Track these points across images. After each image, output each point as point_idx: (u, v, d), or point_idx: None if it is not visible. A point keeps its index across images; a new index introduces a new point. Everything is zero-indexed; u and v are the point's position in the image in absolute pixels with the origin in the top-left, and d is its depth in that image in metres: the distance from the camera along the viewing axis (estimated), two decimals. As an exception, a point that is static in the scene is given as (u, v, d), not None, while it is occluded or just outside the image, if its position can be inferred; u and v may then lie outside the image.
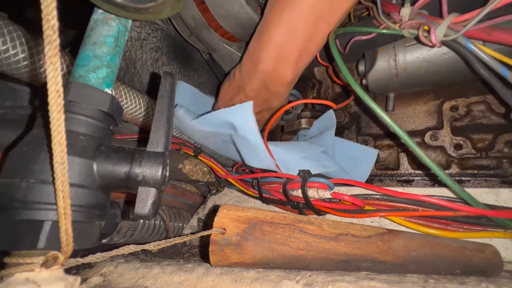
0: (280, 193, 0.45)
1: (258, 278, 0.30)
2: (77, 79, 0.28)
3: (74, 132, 0.26)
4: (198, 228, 0.59)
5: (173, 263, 0.37)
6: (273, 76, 0.51)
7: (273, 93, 0.53)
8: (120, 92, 0.43)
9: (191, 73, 0.72)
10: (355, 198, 0.38)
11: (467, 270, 0.31)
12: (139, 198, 0.27)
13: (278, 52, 0.48)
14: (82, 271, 0.38)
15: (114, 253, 0.26)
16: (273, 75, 0.51)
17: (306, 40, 0.47)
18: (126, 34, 0.32)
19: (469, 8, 0.39)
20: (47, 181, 0.23)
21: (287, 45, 0.47)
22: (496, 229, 0.35)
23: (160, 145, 0.28)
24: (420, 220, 0.37)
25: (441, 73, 0.51)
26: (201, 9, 0.56)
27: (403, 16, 0.45)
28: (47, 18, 0.17)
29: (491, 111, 0.58)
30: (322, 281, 0.28)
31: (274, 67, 0.49)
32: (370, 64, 0.56)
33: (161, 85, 0.31)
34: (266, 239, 0.32)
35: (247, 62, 0.53)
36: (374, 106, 0.37)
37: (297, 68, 0.50)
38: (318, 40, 0.48)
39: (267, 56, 0.49)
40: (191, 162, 0.55)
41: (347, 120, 0.68)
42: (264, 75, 0.51)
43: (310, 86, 0.78)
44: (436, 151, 0.62)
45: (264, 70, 0.50)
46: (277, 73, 0.50)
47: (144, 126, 0.49)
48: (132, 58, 0.56)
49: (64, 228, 0.21)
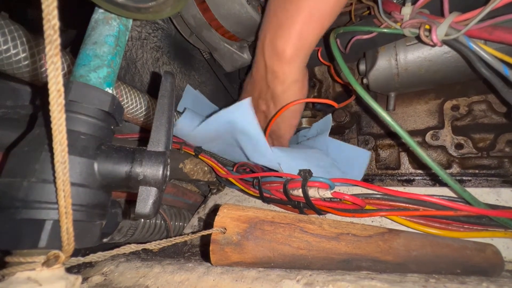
0: (281, 193, 0.45)
1: (258, 277, 0.30)
2: (78, 78, 0.28)
3: (75, 131, 0.26)
4: (199, 227, 0.59)
5: (174, 262, 0.37)
6: (270, 44, 0.44)
7: (273, 74, 0.46)
8: (121, 91, 0.43)
9: (192, 73, 0.72)
10: (356, 197, 0.38)
11: (468, 270, 0.31)
12: (140, 198, 0.27)
13: (276, 21, 0.43)
14: (83, 270, 0.39)
15: (115, 252, 0.27)
16: (270, 44, 0.44)
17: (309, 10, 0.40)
18: (126, 34, 0.32)
19: (470, 7, 0.39)
20: (48, 181, 0.23)
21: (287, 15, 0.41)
22: (497, 228, 0.34)
23: (161, 144, 0.28)
24: (421, 220, 0.37)
25: (442, 73, 0.51)
26: (201, 9, 0.56)
27: (404, 15, 0.45)
28: (48, 18, 0.17)
29: (492, 110, 0.58)
30: (323, 280, 0.28)
31: (272, 36, 0.43)
32: (371, 63, 0.56)
33: (161, 84, 0.31)
34: (266, 239, 0.32)
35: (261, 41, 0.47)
36: (375, 105, 0.37)
37: (301, 39, 0.42)
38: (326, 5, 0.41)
39: (266, 29, 0.44)
40: (192, 162, 0.55)
41: (347, 119, 0.68)
42: (262, 47, 0.45)
43: (310, 86, 0.78)
44: (437, 150, 0.62)
45: (262, 41, 0.45)
46: (274, 41, 0.43)
47: (144, 126, 0.49)
48: (133, 58, 0.56)
49: (65, 227, 0.22)
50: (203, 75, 0.75)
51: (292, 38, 0.42)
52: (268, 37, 0.43)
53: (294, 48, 0.43)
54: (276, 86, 0.47)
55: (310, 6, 0.40)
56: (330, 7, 0.41)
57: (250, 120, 0.43)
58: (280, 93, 0.48)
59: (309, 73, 0.76)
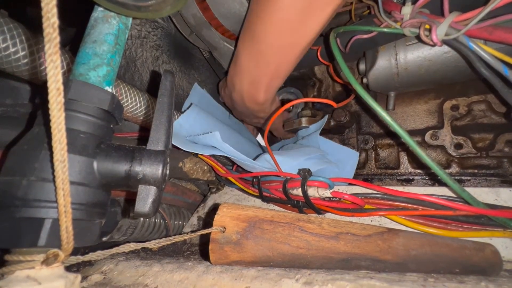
0: (280, 192, 0.45)
1: (258, 277, 0.30)
2: (78, 77, 0.28)
3: (75, 130, 0.26)
4: (198, 226, 0.59)
5: (173, 261, 0.37)
6: (248, 96, 0.58)
7: (250, 109, 0.61)
8: (121, 90, 0.43)
9: (192, 71, 0.72)
10: (355, 197, 0.38)
11: (466, 269, 0.31)
12: (140, 196, 0.27)
13: (250, 77, 0.54)
14: (83, 269, 0.39)
15: (115, 251, 0.27)
16: (247, 96, 0.58)
17: (275, 66, 0.51)
18: (126, 32, 0.32)
19: (470, 7, 0.39)
20: (48, 179, 0.23)
21: (257, 71, 0.53)
22: (496, 228, 0.35)
23: (161, 143, 0.28)
24: (420, 219, 0.37)
25: (442, 72, 0.51)
26: (201, 8, 0.56)
27: (404, 15, 0.45)
28: (47, 16, 0.17)
29: (491, 110, 0.58)
30: (322, 279, 0.28)
31: (248, 89, 0.56)
32: (371, 63, 0.56)
33: (161, 83, 0.31)
34: (266, 238, 0.32)
35: (229, 81, 0.60)
36: (375, 105, 0.37)
37: (268, 90, 0.56)
38: (287, 66, 0.52)
39: (241, 81, 0.56)
40: (191, 161, 0.55)
41: (347, 119, 0.68)
42: (241, 95, 0.59)
43: (310, 85, 0.78)
44: (436, 150, 0.62)
45: (240, 91, 0.58)
46: (251, 95, 0.57)
47: (144, 125, 0.49)
48: (133, 56, 0.56)
49: (64, 226, 0.21)
50: (202, 74, 0.75)
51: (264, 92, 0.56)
52: (245, 89, 0.57)
53: (266, 96, 0.57)
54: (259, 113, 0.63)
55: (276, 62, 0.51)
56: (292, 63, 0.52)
57: (226, 148, 0.48)
58: (264, 116, 0.64)
59: (309, 73, 0.77)
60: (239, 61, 0.54)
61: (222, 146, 0.48)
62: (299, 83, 0.79)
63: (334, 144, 0.64)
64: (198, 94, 0.66)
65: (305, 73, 0.78)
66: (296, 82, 0.78)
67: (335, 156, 0.61)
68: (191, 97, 0.65)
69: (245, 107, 0.61)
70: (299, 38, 0.47)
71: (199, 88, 0.67)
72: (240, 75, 0.55)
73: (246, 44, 0.51)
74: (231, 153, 0.48)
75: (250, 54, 0.51)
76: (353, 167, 0.60)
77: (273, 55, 0.49)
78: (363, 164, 0.69)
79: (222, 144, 0.48)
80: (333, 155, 0.61)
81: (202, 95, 0.67)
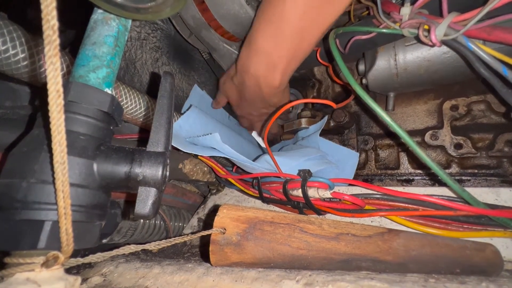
0: (280, 193, 0.45)
1: (258, 278, 0.30)
2: (77, 79, 0.28)
3: (74, 132, 0.26)
4: (199, 228, 0.59)
5: (173, 263, 0.37)
6: (264, 80, 0.55)
7: (265, 94, 0.58)
8: (120, 92, 0.43)
9: (191, 73, 0.72)
10: (355, 197, 0.38)
11: (467, 270, 0.31)
12: (139, 198, 0.27)
13: (267, 59, 0.52)
14: (83, 271, 0.38)
15: (115, 253, 0.27)
16: (264, 79, 0.54)
17: (294, 48, 0.49)
18: (126, 34, 0.32)
19: (469, 7, 0.39)
20: (47, 181, 0.23)
21: (276, 52, 0.50)
22: (496, 228, 0.35)
23: (160, 145, 0.28)
24: (420, 220, 0.37)
25: (441, 73, 0.51)
26: (201, 9, 0.56)
27: (403, 15, 0.45)
28: (47, 18, 0.17)
29: (491, 110, 0.58)
30: (322, 280, 0.28)
31: (264, 72, 0.53)
32: (370, 63, 0.56)
33: (161, 85, 0.31)
34: (266, 239, 0.32)
35: (241, 66, 0.57)
36: (374, 105, 0.37)
37: (286, 73, 0.54)
38: (306, 47, 0.50)
39: (256, 63, 0.53)
40: (191, 162, 0.55)
41: (347, 119, 0.68)
42: (256, 79, 0.55)
43: (310, 86, 0.78)
44: (436, 150, 0.62)
45: (255, 75, 0.54)
46: (267, 77, 0.54)
47: (144, 126, 0.49)
48: (132, 58, 0.56)
49: (64, 228, 0.21)
50: (202, 75, 0.75)
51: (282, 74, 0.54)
52: (261, 72, 0.54)
53: (282, 79, 0.55)
54: (272, 99, 0.60)
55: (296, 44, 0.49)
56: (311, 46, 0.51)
57: (226, 149, 0.48)
58: (277, 102, 0.61)
59: (308, 73, 0.77)
60: (256, 42, 0.52)
61: (222, 147, 0.48)
62: (298, 84, 0.79)
63: (334, 145, 0.64)
64: (197, 96, 0.67)
65: (305, 74, 0.78)
66: (296, 83, 0.79)
67: (335, 156, 0.61)
68: (190, 99, 0.65)
69: (258, 93, 0.58)
70: (323, 19, 0.46)
71: (198, 90, 0.67)
72: (256, 57, 0.53)
73: (264, 24, 0.50)
74: (231, 154, 0.48)
75: (269, 34, 0.49)
76: (353, 167, 0.60)
77: (294, 36, 0.48)
78: (363, 164, 0.69)
79: (222, 145, 0.47)
80: (333, 155, 0.61)
81: (202, 96, 0.68)
